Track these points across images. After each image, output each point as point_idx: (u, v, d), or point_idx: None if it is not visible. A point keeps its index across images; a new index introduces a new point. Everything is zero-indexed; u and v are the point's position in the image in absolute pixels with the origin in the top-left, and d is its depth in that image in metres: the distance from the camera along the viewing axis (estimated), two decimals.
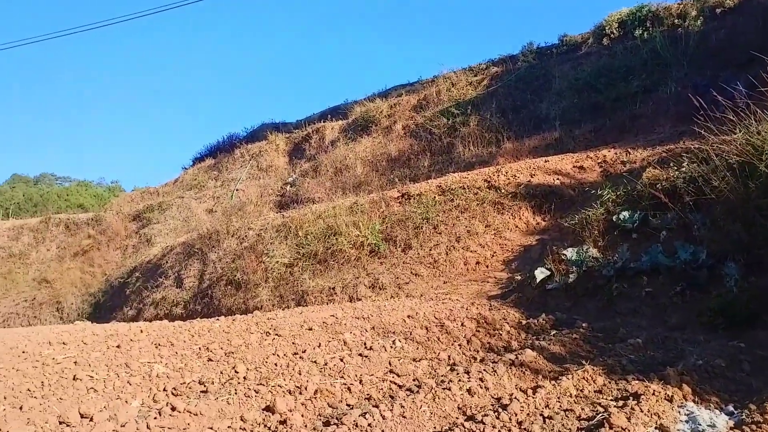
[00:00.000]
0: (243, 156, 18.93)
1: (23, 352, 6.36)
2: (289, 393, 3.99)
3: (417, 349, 5.22)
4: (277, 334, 5.89)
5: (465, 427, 3.10)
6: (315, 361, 4.72)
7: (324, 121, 19.30)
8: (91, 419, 3.81)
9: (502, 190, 10.36)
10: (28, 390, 4.72)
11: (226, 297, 11.01)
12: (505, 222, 9.79)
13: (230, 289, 11.12)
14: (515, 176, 10.67)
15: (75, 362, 5.39)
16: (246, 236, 12.17)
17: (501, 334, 5.58)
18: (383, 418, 3.37)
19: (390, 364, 4.59)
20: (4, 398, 4.60)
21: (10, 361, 5.88)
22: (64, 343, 6.72)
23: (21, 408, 4.27)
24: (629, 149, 10.24)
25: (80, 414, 3.89)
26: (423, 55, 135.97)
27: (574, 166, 10.64)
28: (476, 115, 15.54)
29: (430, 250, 9.74)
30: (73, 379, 4.87)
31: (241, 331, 6.35)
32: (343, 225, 10.81)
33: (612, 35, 15.84)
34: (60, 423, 3.83)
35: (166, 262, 13.12)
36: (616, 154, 10.35)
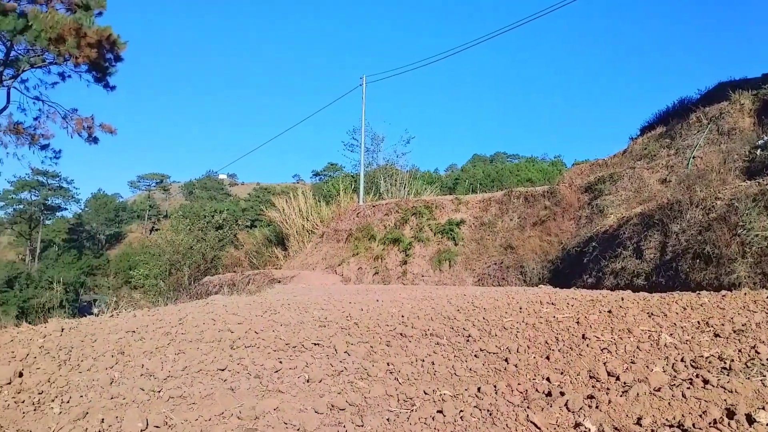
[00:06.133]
0: (699, 120, 17.19)
1: (521, 309, 7.31)
2: None
3: None
4: None
5: None
6: None
7: None
8: (618, 378, 4.10)
9: None
10: (546, 342, 5.40)
11: (693, 271, 10.33)
12: None
13: (698, 263, 10.38)
14: None
15: (577, 322, 5.90)
16: (713, 206, 11.12)
17: None
18: None
19: None
20: (528, 348, 5.39)
21: (516, 315, 6.84)
22: (552, 303, 7.46)
23: (548, 358, 4.92)
24: None
25: (607, 371, 4.23)
26: None
27: None
28: None
29: None
30: (582, 337, 5.34)
31: (739, 309, 5.85)
32: None
33: None
34: (590, 377, 4.24)
35: (623, 232, 13.09)
36: None
